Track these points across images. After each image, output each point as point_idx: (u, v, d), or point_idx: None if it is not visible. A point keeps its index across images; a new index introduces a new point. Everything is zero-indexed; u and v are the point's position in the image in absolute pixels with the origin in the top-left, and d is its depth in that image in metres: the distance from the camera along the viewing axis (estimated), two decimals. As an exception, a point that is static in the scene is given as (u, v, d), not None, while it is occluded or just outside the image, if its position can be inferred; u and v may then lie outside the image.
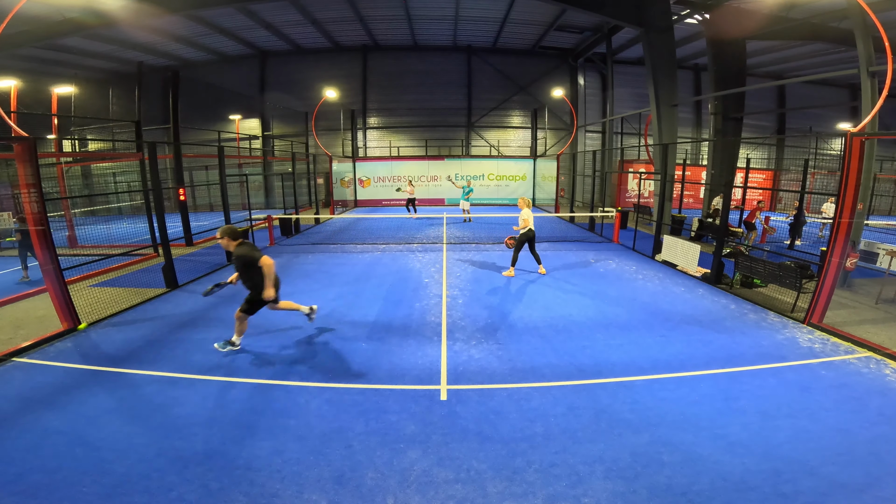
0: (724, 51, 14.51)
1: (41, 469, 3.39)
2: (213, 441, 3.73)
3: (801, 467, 3.38)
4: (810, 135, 23.61)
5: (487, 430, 3.89)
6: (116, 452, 3.58)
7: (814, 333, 6.08)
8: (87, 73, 22.77)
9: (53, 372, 4.97)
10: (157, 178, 8.61)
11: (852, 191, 5.85)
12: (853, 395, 4.43)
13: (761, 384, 4.66)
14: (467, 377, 4.84)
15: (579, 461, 3.47)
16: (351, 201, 24.25)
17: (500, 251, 11.39)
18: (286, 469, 3.40)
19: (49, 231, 5.91)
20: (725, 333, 6.09)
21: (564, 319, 6.60)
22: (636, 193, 20.13)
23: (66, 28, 15.29)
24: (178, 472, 3.36)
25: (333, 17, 19.91)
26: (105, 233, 14.20)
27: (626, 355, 5.37)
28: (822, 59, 21.06)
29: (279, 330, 6.25)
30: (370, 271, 9.57)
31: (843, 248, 6.00)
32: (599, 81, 25.11)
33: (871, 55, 8.58)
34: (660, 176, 11.77)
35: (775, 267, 7.52)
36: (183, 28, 19.42)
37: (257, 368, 5.04)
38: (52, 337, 5.86)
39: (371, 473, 3.36)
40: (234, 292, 8.10)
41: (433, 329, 6.24)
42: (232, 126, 24.23)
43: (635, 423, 3.95)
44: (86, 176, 22.29)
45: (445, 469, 3.40)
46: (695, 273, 9.14)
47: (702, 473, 3.32)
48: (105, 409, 4.23)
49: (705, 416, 4.05)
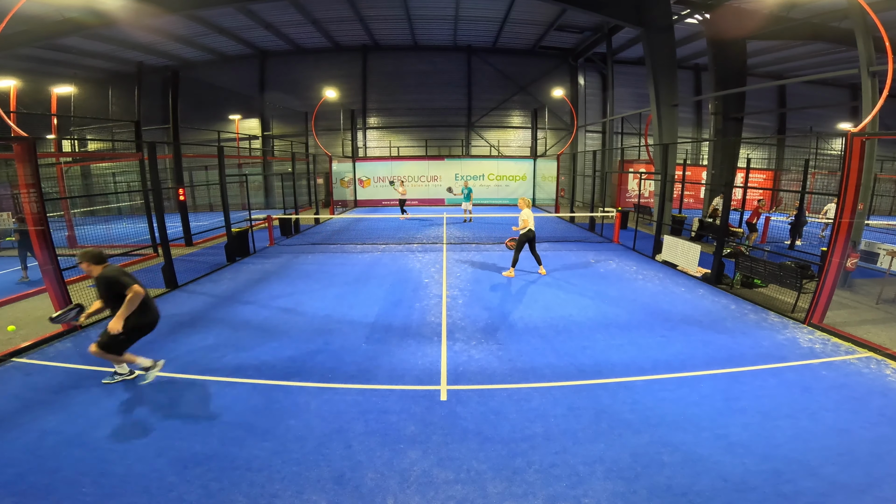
0: (725, 51, 14.52)
1: (40, 469, 3.39)
2: (212, 441, 3.73)
3: (802, 468, 3.38)
4: (811, 135, 23.59)
5: (488, 430, 3.89)
6: (116, 453, 3.58)
7: (814, 334, 6.08)
8: (87, 73, 22.78)
9: (53, 372, 4.97)
10: (156, 178, 8.62)
11: (853, 191, 5.86)
12: (854, 396, 4.43)
13: (762, 384, 4.66)
14: (467, 377, 4.84)
15: (579, 461, 3.47)
16: (351, 201, 24.26)
17: (500, 251, 11.40)
18: (286, 469, 3.40)
19: (49, 231, 5.92)
20: (726, 334, 6.09)
21: (565, 320, 6.60)
22: (636, 193, 20.14)
23: (65, 28, 15.29)
24: (177, 472, 3.36)
25: (333, 16, 19.91)
26: (105, 233, 14.21)
27: (627, 355, 5.38)
28: (822, 59, 21.07)
29: (279, 330, 6.25)
30: (370, 271, 9.58)
31: (844, 248, 6.00)
32: (600, 81, 25.12)
33: (872, 55, 8.59)
34: (660, 176, 11.78)
35: (776, 267, 7.53)
36: (182, 28, 19.42)
37: (257, 369, 5.04)
38: (51, 337, 5.86)
39: (371, 474, 3.36)
40: (237, 288, 8.13)
41: (433, 329, 6.24)
42: (232, 126, 24.24)
43: (635, 424, 3.95)
44: (85, 176, 22.30)
45: (445, 470, 3.40)
46: (695, 273, 9.14)
47: (702, 474, 3.32)
48: (104, 409, 4.23)
49: (706, 417, 4.05)
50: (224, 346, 5.67)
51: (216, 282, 8.90)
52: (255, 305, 7.38)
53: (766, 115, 25.89)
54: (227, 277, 9.24)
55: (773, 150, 26.63)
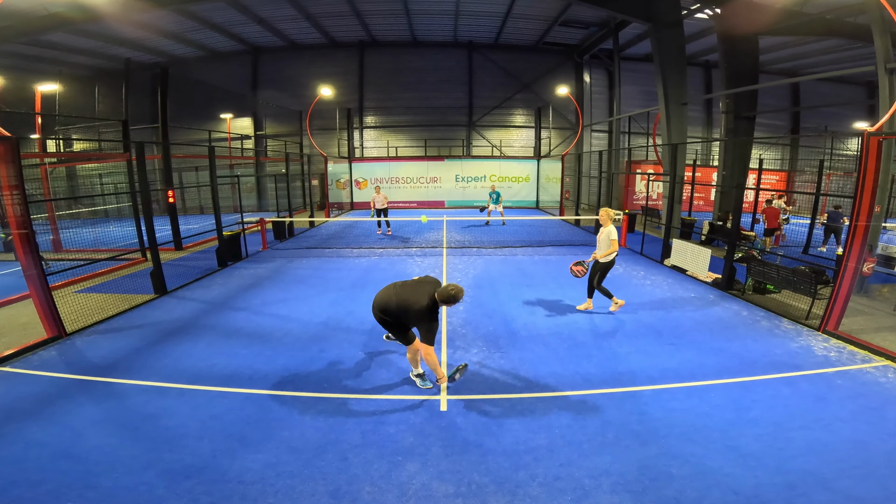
0: (736, 47, 14.59)
1: (24, 482, 3.40)
2: (203, 453, 3.74)
3: (816, 481, 3.40)
4: (825, 134, 23.68)
5: (489, 442, 3.90)
6: (103, 465, 3.60)
7: (829, 341, 6.10)
8: (73, 71, 22.89)
9: (37, 381, 4.99)
10: (144, 179, 8.66)
11: (869, 193, 5.88)
12: (870, 406, 4.45)
13: (774, 394, 4.68)
14: (468, 387, 4.86)
15: (585, 474, 3.49)
16: (347, 204, 24.31)
17: (502, 255, 11.43)
18: (279, 482, 3.42)
19: (33, 235, 5.95)
20: (737, 341, 6.11)
21: (569, 327, 6.62)
22: (644, 195, 20.18)
23: (50, 23, 15.38)
24: (167, 485, 3.38)
25: (329, 11, 20.04)
26: (91, 236, 14.22)
27: (634, 364, 5.39)
28: (837, 56, 21.15)
29: (272, 338, 6.27)
30: (367, 277, 9.60)
31: (860, 252, 6.03)
32: (606, 79, 25.21)
33: (889, 51, 8.64)
34: (669, 177, 11.82)
35: (789, 272, 7.55)
36: (172, 23, 19.54)
37: (250, 378, 5.06)
38: (35, 345, 5.88)
39: (368, 487, 3.37)
40: (228, 294, 8.15)
41: (433, 337, 6.26)
42: (223, 125, 24.33)
43: (643, 435, 3.97)
44: (71, 177, 22.32)
45: (445, 483, 3.42)
46: (705, 278, 9.16)
47: (712, 487, 3.34)
48: (91, 420, 4.25)
49: (716, 428, 4.07)
50: (215, 355, 5.69)
51: (207, 287, 8.93)
52: (248, 312, 7.40)
53: (779, 114, 25.99)
54: (219, 283, 9.27)
55: (786, 150, 26.70)
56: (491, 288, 8.66)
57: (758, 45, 15.08)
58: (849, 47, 19.14)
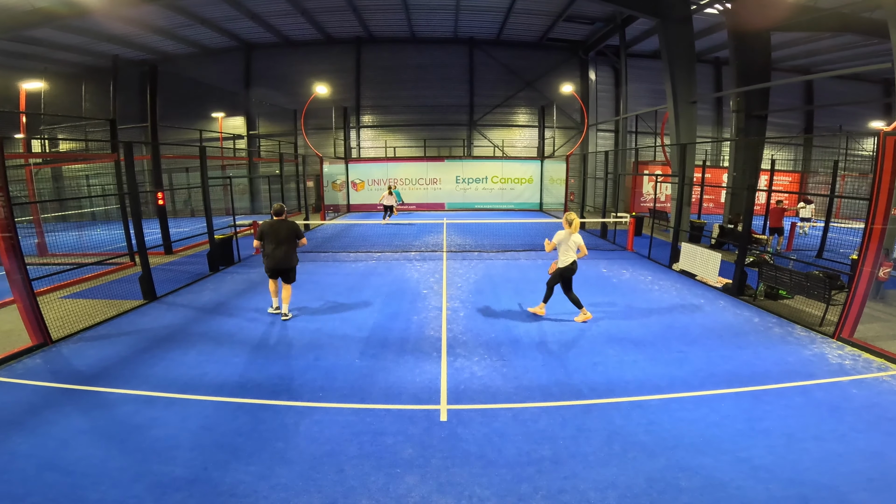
0: (747, 43, 14.63)
1: (8, 496, 3.41)
2: (194, 465, 3.75)
3: (831, 493, 3.40)
4: (840, 134, 23.73)
5: (491, 453, 3.91)
6: (90, 478, 3.60)
7: (844, 349, 6.11)
8: (59, 68, 22.98)
9: (21, 390, 5.00)
10: (133, 180, 8.68)
11: (885, 194, 5.90)
12: (887, 416, 4.45)
13: (787, 404, 4.68)
14: (469, 396, 4.87)
15: (590, 487, 3.50)
16: (343, 206, 24.36)
17: (504, 259, 11.46)
18: (273, 496, 3.42)
19: (17, 238, 5.97)
20: (748, 349, 6.12)
21: (574, 333, 6.64)
22: (652, 197, 20.22)
23: (35, 18, 15.47)
24: (156, 498, 3.38)
25: (324, 6, 20.15)
26: (77, 240, 14.27)
27: (641, 372, 5.41)
28: (853, 53, 21.24)
29: (266, 345, 6.28)
30: (364, 281, 9.63)
31: (876, 256, 6.04)
32: (612, 76, 25.31)
33: (905, 48, 8.67)
34: (677, 178, 11.86)
35: (802, 277, 7.56)
36: (161, 18, 19.64)
37: (242, 386, 5.07)
38: (20, 353, 5.89)
39: (365, 500, 3.38)
40: (220, 300, 8.17)
41: (432, 344, 6.28)
42: (215, 125, 24.40)
43: (651, 446, 3.97)
44: (57, 178, 22.41)
45: (446, 496, 3.43)
46: (715, 284, 9.18)
47: (723, 500, 3.34)
48: (77, 430, 4.25)
49: (727, 439, 4.07)
50: (206, 363, 5.70)
51: (198, 293, 8.95)
52: (240, 318, 7.42)
53: (791, 113, 26.06)
54: (210, 288, 9.29)
55: (799, 150, 26.77)
56: (493, 293, 8.68)
57: (770, 41, 15.11)
58: (864, 43, 19.22)
